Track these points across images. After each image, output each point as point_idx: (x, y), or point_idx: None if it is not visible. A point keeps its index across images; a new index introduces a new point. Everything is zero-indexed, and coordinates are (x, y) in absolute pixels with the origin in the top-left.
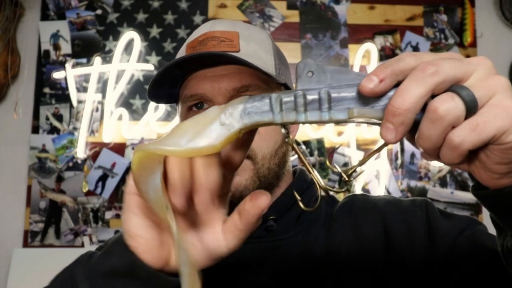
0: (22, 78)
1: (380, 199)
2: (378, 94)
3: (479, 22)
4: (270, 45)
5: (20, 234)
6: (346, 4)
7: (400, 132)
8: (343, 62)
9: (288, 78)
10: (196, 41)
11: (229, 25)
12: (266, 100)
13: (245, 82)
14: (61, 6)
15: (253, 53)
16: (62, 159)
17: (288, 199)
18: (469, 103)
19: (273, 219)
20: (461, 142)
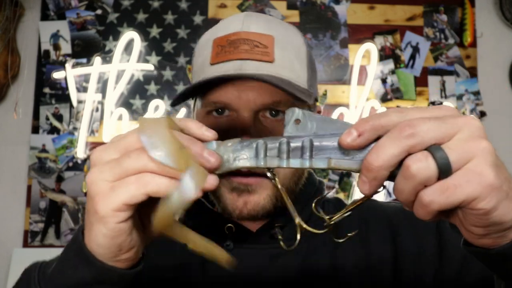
0: (22, 78)
1: (390, 207)
2: (356, 148)
3: (479, 22)
4: (305, 51)
5: (20, 234)
6: (346, 4)
7: (373, 186)
8: (343, 62)
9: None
10: (226, 40)
11: (263, 25)
12: (253, 145)
13: (276, 98)
14: (61, 6)
15: (288, 64)
16: (62, 159)
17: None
18: (441, 165)
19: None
20: (430, 202)
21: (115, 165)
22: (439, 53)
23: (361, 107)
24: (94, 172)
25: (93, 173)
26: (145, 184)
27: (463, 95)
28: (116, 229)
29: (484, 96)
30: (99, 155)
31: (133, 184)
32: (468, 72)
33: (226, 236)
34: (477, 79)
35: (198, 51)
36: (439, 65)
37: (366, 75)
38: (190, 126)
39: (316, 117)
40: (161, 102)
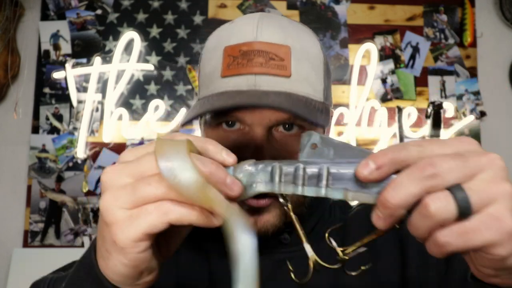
0: (22, 78)
1: None
2: (373, 181)
3: (479, 22)
4: (322, 59)
5: (20, 234)
6: (346, 4)
7: (388, 223)
8: (343, 62)
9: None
10: (238, 50)
11: (279, 33)
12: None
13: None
14: (61, 6)
15: (305, 77)
16: (62, 159)
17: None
18: (462, 207)
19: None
20: (445, 244)
21: (132, 191)
22: (439, 53)
23: (361, 107)
24: (109, 198)
25: (107, 199)
26: (166, 213)
27: (463, 95)
28: (138, 259)
29: (484, 96)
30: (112, 177)
31: (153, 213)
32: (468, 72)
33: None
34: (477, 79)
35: (206, 57)
36: (439, 65)
37: (366, 75)
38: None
39: (333, 142)
40: (161, 102)
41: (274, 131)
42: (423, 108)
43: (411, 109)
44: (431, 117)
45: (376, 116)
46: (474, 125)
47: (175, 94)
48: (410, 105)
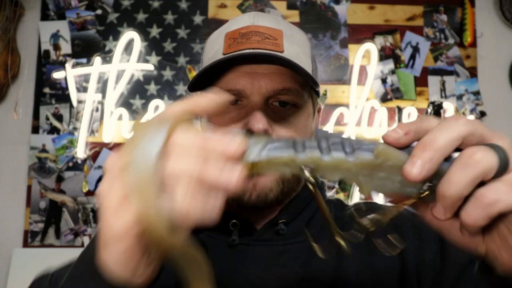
0: (22, 78)
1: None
2: (400, 146)
3: (479, 22)
4: (309, 48)
5: (20, 234)
6: (346, 4)
7: (426, 170)
8: (343, 62)
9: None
10: (237, 33)
11: (272, 21)
12: (289, 141)
13: (286, 85)
14: (61, 6)
15: (295, 55)
16: (62, 159)
17: (301, 202)
18: (502, 161)
19: (284, 222)
20: (496, 201)
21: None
22: (439, 53)
23: (361, 107)
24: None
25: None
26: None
27: (463, 95)
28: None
29: (484, 96)
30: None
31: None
32: (468, 72)
33: (231, 232)
34: (477, 79)
35: (208, 46)
36: (439, 65)
37: (366, 75)
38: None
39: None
40: (161, 102)
41: (271, 105)
42: (423, 108)
43: (411, 109)
44: None
45: (376, 116)
46: None
47: (175, 94)
48: (410, 105)
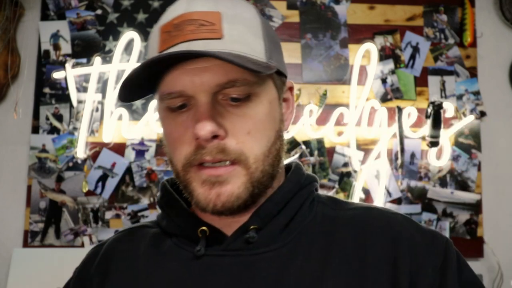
0: (22, 78)
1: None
2: None
3: (479, 22)
4: (259, 24)
5: (20, 234)
6: (346, 4)
7: None
8: (343, 62)
9: (280, 58)
10: (170, 25)
11: (209, 3)
12: None
13: (231, 76)
14: (61, 6)
15: (239, 38)
16: (62, 159)
17: (274, 205)
18: None
19: (255, 228)
20: None
21: None
22: (439, 53)
23: (361, 107)
24: None
25: None
26: None
27: (463, 95)
28: None
29: (484, 96)
30: None
31: None
32: (468, 72)
33: (198, 239)
34: (477, 79)
35: (149, 43)
36: (439, 65)
37: (366, 75)
38: None
39: None
40: None
41: (221, 101)
42: (423, 108)
43: (411, 109)
44: (431, 117)
45: (376, 116)
46: (474, 125)
47: None
48: (410, 105)
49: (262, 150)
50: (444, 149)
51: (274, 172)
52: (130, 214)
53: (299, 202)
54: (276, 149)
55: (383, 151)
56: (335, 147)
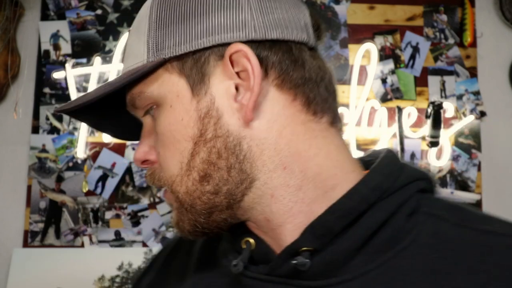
0: (22, 78)
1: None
2: None
3: (479, 22)
4: (147, 15)
5: (20, 234)
6: (346, 4)
7: None
8: (343, 62)
9: (175, 38)
10: None
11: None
12: None
13: (131, 92)
14: (61, 6)
15: (128, 51)
16: (62, 159)
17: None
18: None
19: (310, 251)
20: None
21: None
22: (439, 53)
23: (361, 107)
24: None
25: None
26: None
27: (463, 95)
28: None
29: (484, 96)
30: None
31: None
32: (468, 72)
33: (240, 251)
34: (477, 79)
35: None
36: (439, 65)
37: (366, 75)
38: None
39: None
40: None
41: (145, 119)
42: (423, 108)
43: (411, 109)
44: (431, 117)
45: (376, 116)
46: (474, 125)
47: None
48: (410, 105)
49: (176, 170)
50: (444, 149)
51: (216, 187)
52: (130, 214)
53: (384, 214)
54: (204, 159)
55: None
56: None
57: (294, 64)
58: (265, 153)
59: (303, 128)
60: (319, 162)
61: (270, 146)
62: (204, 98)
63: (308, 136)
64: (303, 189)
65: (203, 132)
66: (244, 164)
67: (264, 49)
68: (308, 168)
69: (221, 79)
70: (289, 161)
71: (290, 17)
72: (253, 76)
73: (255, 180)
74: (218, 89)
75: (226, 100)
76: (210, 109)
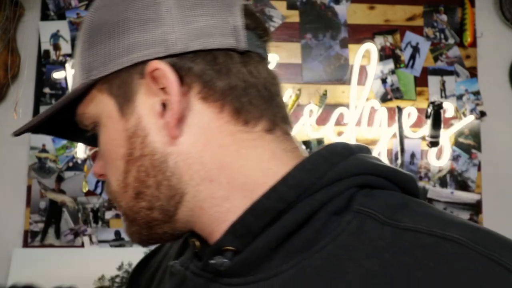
0: (22, 78)
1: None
2: None
3: (479, 22)
4: (80, 37)
5: (20, 234)
6: (346, 4)
7: None
8: (343, 62)
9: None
10: None
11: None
12: None
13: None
14: (61, 6)
15: (73, 74)
16: (62, 159)
17: (255, 218)
18: None
19: (233, 251)
20: None
21: None
22: (439, 53)
23: (361, 107)
24: None
25: None
26: None
27: (463, 95)
28: None
29: (484, 96)
30: None
31: None
32: (468, 72)
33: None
34: (477, 79)
35: None
36: (439, 65)
37: (366, 75)
38: None
39: None
40: None
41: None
42: (423, 108)
43: (411, 109)
44: (431, 117)
45: (376, 116)
46: (474, 125)
47: None
48: (410, 105)
49: (116, 187)
50: (444, 149)
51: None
52: None
53: (304, 213)
54: (135, 177)
55: (383, 151)
56: None
57: (218, 74)
58: (192, 167)
59: (231, 140)
60: (247, 172)
61: (196, 160)
62: (131, 118)
63: (236, 147)
64: (230, 199)
65: (131, 151)
66: (172, 180)
67: (186, 61)
68: (235, 179)
69: (146, 97)
70: (215, 174)
71: (215, 23)
72: (172, 93)
73: (185, 194)
74: (144, 108)
75: (152, 118)
76: (137, 128)
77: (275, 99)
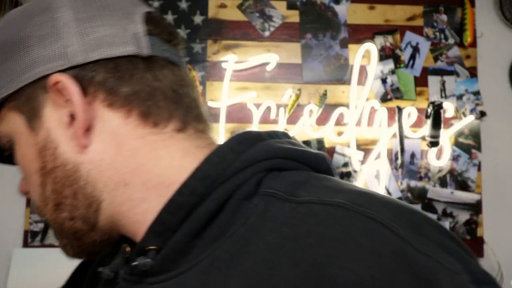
0: None
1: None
2: None
3: (479, 22)
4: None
5: (20, 234)
6: (346, 4)
7: None
8: (343, 62)
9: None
10: None
11: None
12: None
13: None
14: None
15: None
16: None
17: (170, 215)
18: None
19: (155, 249)
20: None
21: None
22: (439, 53)
23: (361, 107)
24: None
25: None
26: None
27: (463, 95)
28: None
29: (484, 96)
30: None
31: None
32: (468, 72)
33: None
34: (477, 79)
35: None
36: (439, 65)
37: (366, 75)
38: None
39: None
40: None
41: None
42: (423, 108)
43: (411, 109)
44: (431, 117)
45: (376, 116)
46: (474, 125)
47: None
48: (410, 105)
49: (38, 202)
50: (444, 149)
51: (70, 214)
52: None
53: (215, 203)
54: (52, 189)
55: (383, 151)
56: (335, 147)
57: (121, 81)
58: (104, 174)
59: (141, 142)
60: (160, 172)
61: (108, 166)
62: (40, 132)
63: (148, 149)
64: (147, 200)
65: (44, 164)
66: (87, 189)
67: (87, 72)
68: (149, 180)
69: (54, 110)
70: (129, 177)
71: (114, 32)
72: (75, 104)
73: (102, 201)
74: (52, 121)
75: (60, 130)
76: (46, 141)
77: (183, 100)
